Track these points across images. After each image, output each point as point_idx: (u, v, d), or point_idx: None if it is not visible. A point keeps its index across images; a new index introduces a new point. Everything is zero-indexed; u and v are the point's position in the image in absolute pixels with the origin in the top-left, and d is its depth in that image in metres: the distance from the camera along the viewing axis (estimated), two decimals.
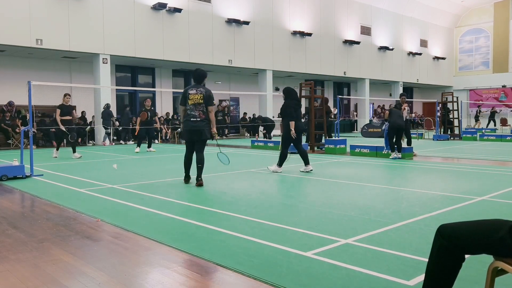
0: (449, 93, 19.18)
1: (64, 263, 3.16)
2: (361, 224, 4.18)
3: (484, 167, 8.65)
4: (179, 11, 17.87)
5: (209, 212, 4.78)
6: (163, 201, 5.35)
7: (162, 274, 2.92)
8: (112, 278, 2.85)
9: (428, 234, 3.76)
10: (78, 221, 4.43)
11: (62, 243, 3.64)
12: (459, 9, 33.07)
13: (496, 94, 31.95)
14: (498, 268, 1.90)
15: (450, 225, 1.99)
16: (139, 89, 20.33)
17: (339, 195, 5.78)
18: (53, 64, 17.67)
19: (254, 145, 14.70)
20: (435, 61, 32.33)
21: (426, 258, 3.13)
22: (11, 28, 13.98)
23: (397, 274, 2.85)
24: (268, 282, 2.74)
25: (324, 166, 9.15)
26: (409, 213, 4.64)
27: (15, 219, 4.54)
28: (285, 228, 4.03)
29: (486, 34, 32.77)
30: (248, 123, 21.74)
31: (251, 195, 5.83)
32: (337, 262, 3.08)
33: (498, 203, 5.15)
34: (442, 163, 9.73)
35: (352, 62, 25.94)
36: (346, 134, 22.14)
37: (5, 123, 15.17)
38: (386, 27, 28.15)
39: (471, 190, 5.95)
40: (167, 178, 7.29)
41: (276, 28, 21.76)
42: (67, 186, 6.58)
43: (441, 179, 7.08)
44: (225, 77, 23.57)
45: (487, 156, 10.91)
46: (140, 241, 3.71)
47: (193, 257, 3.25)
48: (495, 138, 17.67)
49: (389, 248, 3.39)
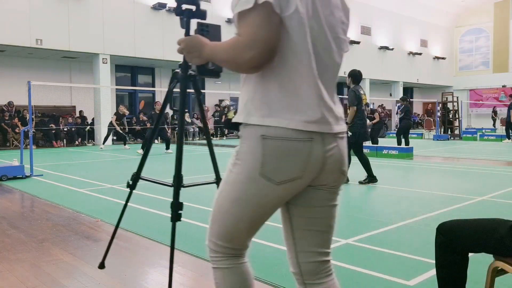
0: (449, 93, 19.18)
1: (64, 263, 3.16)
2: (361, 224, 4.17)
3: (484, 167, 8.65)
4: None
5: (209, 212, 4.77)
6: (163, 201, 5.34)
7: (162, 274, 2.92)
8: (112, 278, 2.85)
9: (428, 234, 3.76)
10: (78, 221, 4.42)
11: (62, 243, 3.64)
12: (459, 9, 33.06)
13: (496, 94, 31.94)
14: (498, 268, 1.90)
15: (450, 222, 1.99)
16: (139, 89, 20.33)
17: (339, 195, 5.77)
18: (53, 64, 17.66)
19: None
20: (435, 61, 32.33)
21: (426, 258, 3.15)
22: (11, 28, 13.98)
23: (397, 274, 2.85)
24: (268, 282, 2.74)
25: None
26: (409, 213, 4.64)
27: (15, 219, 4.54)
28: None
29: (486, 34, 32.76)
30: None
31: None
32: (337, 262, 3.07)
33: (498, 203, 5.15)
34: (442, 163, 9.72)
35: (352, 62, 25.88)
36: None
37: (4, 122, 15.17)
38: (386, 27, 28.15)
39: (471, 190, 5.95)
40: (167, 178, 7.29)
41: None
42: (67, 186, 6.58)
43: (441, 179, 7.08)
44: (225, 77, 23.56)
45: (487, 156, 10.91)
46: (140, 241, 3.70)
47: (193, 257, 3.24)
48: (495, 138, 17.67)
49: (389, 248, 3.39)
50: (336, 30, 1.44)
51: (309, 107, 1.35)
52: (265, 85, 1.36)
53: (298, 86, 1.35)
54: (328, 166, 1.42)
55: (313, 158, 1.37)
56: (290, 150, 1.33)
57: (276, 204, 1.44)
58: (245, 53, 1.28)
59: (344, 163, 1.48)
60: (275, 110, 1.34)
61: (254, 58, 1.28)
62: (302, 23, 1.32)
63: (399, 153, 10.60)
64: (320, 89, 1.38)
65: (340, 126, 1.45)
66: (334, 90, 1.49)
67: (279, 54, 1.33)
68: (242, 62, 1.30)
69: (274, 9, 1.28)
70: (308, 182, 1.42)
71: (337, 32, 1.44)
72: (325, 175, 1.43)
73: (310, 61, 1.36)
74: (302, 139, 1.34)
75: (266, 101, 1.35)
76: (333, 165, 1.43)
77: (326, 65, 1.42)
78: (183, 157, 2.42)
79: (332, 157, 1.42)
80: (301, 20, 1.32)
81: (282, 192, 1.39)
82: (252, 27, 1.27)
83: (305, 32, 1.34)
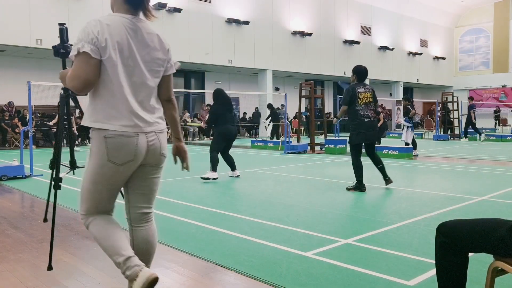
0: (449, 93, 19.17)
1: (64, 263, 3.16)
2: (361, 224, 4.18)
3: (484, 167, 8.65)
4: (179, 11, 17.87)
5: (209, 212, 4.78)
6: (163, 201, 5.34)
7: (162, 274, 2.92)
8: (112, 278, 2.85)
9: (428, 234, 3.76)
10: (78, 221, 4.42)
11: (62, 243, 3.64)
12: (459, 9, 33.05)
13: (496, 94, 31.93)
14: (498, 268, 1.90)
15: (450, 222, 1.99)
16: None
17: (339, 195, 5.77)
18: (53, 64, 17.63)
19: (254, 145, 14.70)
20: (435, 61, 32.32)
21: (426, 258, 3.15)
22: (11, 28, 13.98)
23: (397, 274, 2.85)
24: (268, 282, 2.74)
25: (324, 166, 9.15)
26: (409, 213, 4.64)
27: (15, 219, 4.54)
28: (285, 228, 4.03)
29: (486, 34, 32.75)
30: (248, 122, 21.73)
31: (251, 195, 5.83)
32: (337, 262, 3.07)
33: (498, 203, 5.15)
34: (442, 163, 9.72)
35: (352, 62, 25.91)
36: (346, 134, 22.13)
37: (4, 122, 15.17)
38: (386, 27, 28.15)
39: (471, 190, 5.95)
40: (167, 178, 7.29)
41: (276, 28, 21.76)
42: (67, 186, 6.57)
43: (441, 179, 7.08)
44: (225, 77, 23.57)
45: (487, 156, 10.91)
46: None
47: (193, 257, 3.25)
48: (495, 138, 17.67)
49: (389, 248, 3.39)
50: (150, 65, 2.15)
51: (123, 117, 2.06)
52: (96, 102, 2.08)
53: (115, 103, 2.05)
54: (151, 151, 2.15)
55: (140, 147, 2.10)
56: (123, 143, 2.06)
57: (122, 178, 2.17)
58: (70, 83, 2.03)
59: (162, 148, 2.20)
60: (106, 119, 2.05)
61: (75, 86, 2.02)
62: (115, 64, 2.03)
63: (399, 153, 10.61)
64: (131, 105, 2.07)
65: (153, 127, 2.15)
66: (149, 103, 2.16)
67: (102, 82, 2.05)
68: (71, 87, 2.05)
69: (91, 56, 1.98)
70: (139, 162, 2.14)
71: (151, 66, 2.16)
72: (149, 157, 2.16)
73: (123, 87, 2.06)
74: (132, 136, 2.07)
75: (99, 112, 2.06)
76: (154, 151, 2.16)
77: (141, 89, 2.12)
78: None
79: (153, 146, 2.15)
80: (114, 62, 2.03)
81: (123, 170, 2.11)
82: (75, 66, 2.02)
83: (119, 69, 2.05)
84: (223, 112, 7.13)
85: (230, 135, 7.19)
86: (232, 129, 7.18)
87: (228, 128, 7.12)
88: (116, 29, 2.04)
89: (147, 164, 2.17)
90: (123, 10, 2.12)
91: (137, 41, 2.10)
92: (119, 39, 2.04)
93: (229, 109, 7.23)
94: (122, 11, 2.12)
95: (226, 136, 7.16)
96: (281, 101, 21.94)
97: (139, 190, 2.24)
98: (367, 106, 5.98)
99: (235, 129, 7.29)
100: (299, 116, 14.39)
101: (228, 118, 7.14)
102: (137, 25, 2.12)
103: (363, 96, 5.98)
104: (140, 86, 2.11)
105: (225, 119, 7.10)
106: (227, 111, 7.17)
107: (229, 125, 7.14)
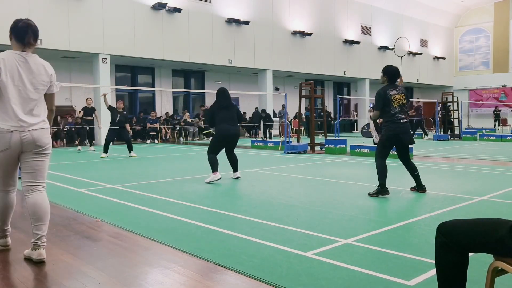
0: (449, 93, 19.17)
1: (64, 263, 3.16)
2: (361, 224, 4.17)
3: (484, 167, 8.65)
4: (179, 11, 17.86)
5: (209, 212, 4.78)
6: (163, 201, 5.34)
7: (162, 274, 2.92)
8: (112, 278, 2.85)
9: (428, 234, 3.76)
10: (78, 221, 4.42)
11: (62, 243, 3.64)
12: (459, 9, 33.06)
13: (496, 94, 31.94)
14: (498, 268, 1.90)
15: (449, 222, 1.99)
16: (139, 88, 20.33)
17: (339, 195, 5.77)
18: (53, 64, 17.43)
19: (254, 145, 14.70)
20: (435, 61, 32.33)
21: (426, 258, 3.15)
22: None
23: (397, 274, 2.85)
24: (268, 282, 2.74)
25: (324, 166, 9.15)
26: (409, 213, 4.64)
27: (15, 219, 4.54)
28: (285, 228, 4.03)
29: (486, 34, 32.76)
30: (248, 122, 21.72)
31: (251, 195, 5.83)
32: (337, 262, 3.07)
33: (498, 203, 5.15)
34: (442, 163, 9.72)
35: (352, 62, 25.93)
36: (346, 134, 22.14)
37: None
38: (386, 27, 28.15)
39: (471, 190, 5.95)
40: (167, 178, 7.29)
41: (276, 28, 21.76)
42: (67, 186, 6.58)
43: (441, 179, 7.08)
44: (225, 77, 23.57)
45: (487, 156, 10.92)
46: (140, 241, 3.70)
47: (193, 257, 3.24)
48: (495, 138, 17.67)
49: (389, 248, 3.39)
50: (36, 85, 3.16)
51: (11, 119, 3.06)
52: None
53: (6, 110, 3.06)
54: (25, 143, 3.10)
55: (13, 139, 3.06)
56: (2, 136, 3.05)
57: (8, 162, 3.16)
58: None
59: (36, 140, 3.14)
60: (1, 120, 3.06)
61: None
62: (6, 85, 3.04)
63: None
64: (16, 112, 3.06)
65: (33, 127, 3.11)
66: (32, 111, 3.14)
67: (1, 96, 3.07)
68: None
69: None
70: (17, 150, 3.12)
71: (36, 86, 3.16)
72: (26, 147, 3.12)
73: (10, 100, 3.06)
74: (7, 132, 3.05)
75: None
76: (29, 143, 3.11)
77: (28, 101, 3.13)
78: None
79: (27, 139, 3.09)
80: (5, 83, 3.04)
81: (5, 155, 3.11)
82: None
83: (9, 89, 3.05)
84: (217, 110, 7.05)
85: (227, 134, 7.01)
86: (229, 128, 6.98)
87: (224, 127, 6.96)
88: (9, 61, 3.07)
89: (26, 151, 3.13)
90: (16, 47, 3.14)
91: (26, 69, 3.12)
92: (10, 68, 3.07)
93: (225, 107, 7.09)
94: (15, 48, 3.14)
95: (222, 136, 7.01)
96: (281, 101, 21.94)
97: (25, 170, 3.20)
98: (401, 108, 5.66)
99: (234, 129, 7.07)
100: (299, 116, 14.40)
101: (224, 117, 7.00)
102: (26, 58, 3.13)
103: (396, 99, 5.62)
104: (28, 100, 3.12)
105: (221, 118, 6.98)
106: (224, 109, 7.04)
107: (225, 124, 6.96)
